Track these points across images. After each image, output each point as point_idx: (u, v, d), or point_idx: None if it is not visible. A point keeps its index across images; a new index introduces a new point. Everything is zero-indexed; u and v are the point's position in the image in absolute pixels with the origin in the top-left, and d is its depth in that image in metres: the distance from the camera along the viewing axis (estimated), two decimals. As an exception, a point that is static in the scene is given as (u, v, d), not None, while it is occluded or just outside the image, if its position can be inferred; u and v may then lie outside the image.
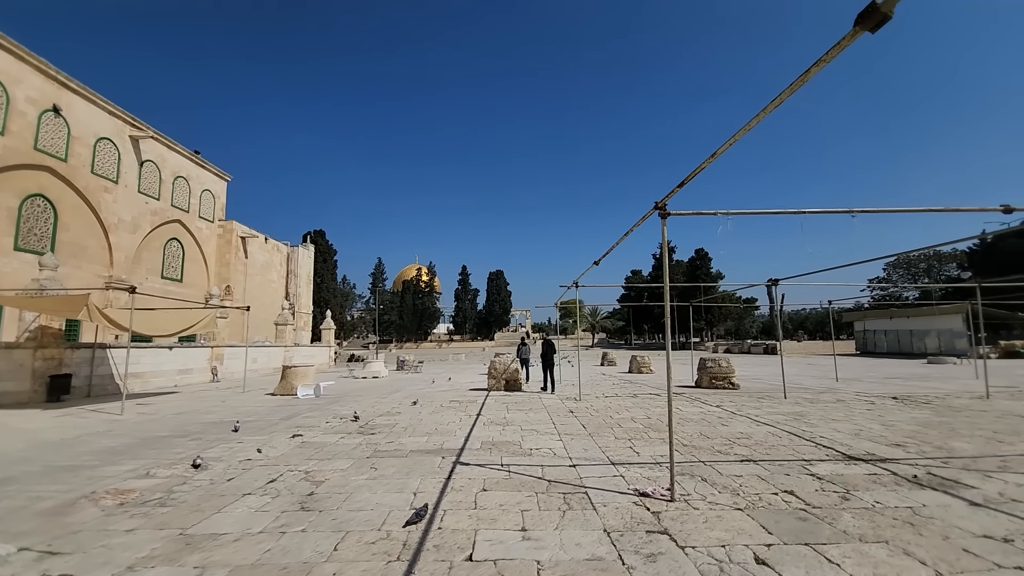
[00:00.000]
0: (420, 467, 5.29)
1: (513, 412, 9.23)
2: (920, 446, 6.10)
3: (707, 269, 65.40)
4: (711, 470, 5.07)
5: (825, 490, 4.39)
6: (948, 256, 60.94)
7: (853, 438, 6.58)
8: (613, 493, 4.39)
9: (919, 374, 18.55)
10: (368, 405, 10.58)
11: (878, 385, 14.01)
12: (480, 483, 4.69)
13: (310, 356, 30.24)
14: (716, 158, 3.20)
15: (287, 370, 13.18)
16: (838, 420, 8.01)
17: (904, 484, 4.56)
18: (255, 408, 10.54)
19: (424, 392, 13.39)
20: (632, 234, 5.38)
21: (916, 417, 8.28)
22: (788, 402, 10.29)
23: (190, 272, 26.30)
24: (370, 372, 20.60)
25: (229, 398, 12.80)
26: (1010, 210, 4.24)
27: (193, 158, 26.45)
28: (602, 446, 6.25)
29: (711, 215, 4.34)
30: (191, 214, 26.20)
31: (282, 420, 8.75)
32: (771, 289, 11.34)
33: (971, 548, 3.13)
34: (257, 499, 4.34)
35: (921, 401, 10.35)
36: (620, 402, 10.51)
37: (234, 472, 5.24)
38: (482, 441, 6.62)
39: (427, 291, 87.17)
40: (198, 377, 19.20)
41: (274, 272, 33.87)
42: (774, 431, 7.10)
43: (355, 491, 4.49)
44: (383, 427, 7.79)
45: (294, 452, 6.15)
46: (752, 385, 14.07)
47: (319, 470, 5.24)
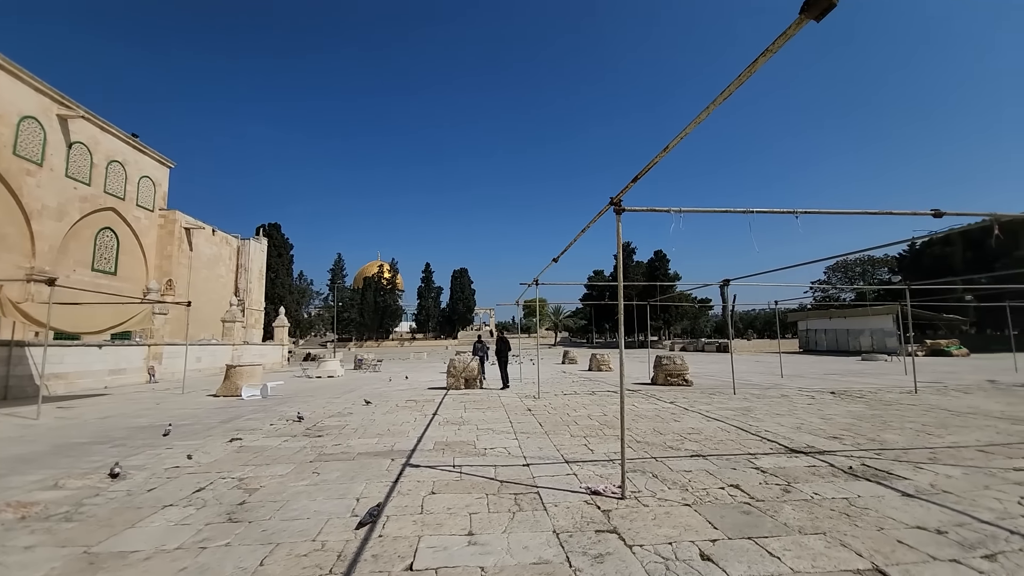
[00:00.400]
0: (367, 471, 5.03)
1: (470, 411, 9.05)
2: (855, 438, 6.42)
3: (665, 270, 67.54)
4: (662, 466, 5.11)
5: (768, 483, 4.50)
6: (881, 261, 65.94)
7: (795, 431, 6.85)
8: (565, 492, 4.32)
9: (854, 370, 19.83)
10: (318, 406, 10.10)
11: (818, 381, 14.83)
12: (429, 486, 4.50)
13: (261, 355, 28.83)
14: (668, 152, 3.16)
15: (231, 370, 12.40)
16: (782, 414, 8.35)
17: (841, 475, 4.75)
18: (192, 411, 9.83)
19: (380, 391, 12.96)
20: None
21: (851, 411, 8.76)
22: (737, 398, 10.67)
23: (126, 265, 24.39)
24: (325, 371, 19.82)
25: (165, 400, 11.91)
26: (940, 214, 4.48)
27: (131, 141, 24.51)
28: (557, 444, 6.19)
29: (664, 212, 4.34)
30: (127, 202, 24.27)
31: (221, 423, 8.18)
32: (723, 289, 11.75)
33: (905, 539, 3.25)
34: (179, 511, 3.96)
35: (856, 396, 11.00)
36: (578, 400, 10.56)
37: (156, 482, 4.79)
38: (435, 442, 6.41)
39: (389, 288, 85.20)
40: (133, 378, 17.83)
41: (222, 266, 32.01)
42: (723, 426, 7.30)
43: (292, 499, 4.19)
44: (332, 429, 7.42)
45: (229, 457, 5.72)
46: (705, 382, 14.54)
47: (255, 477, 4.88)
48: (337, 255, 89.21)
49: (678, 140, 3.01)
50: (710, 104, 2.60)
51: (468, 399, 10.81)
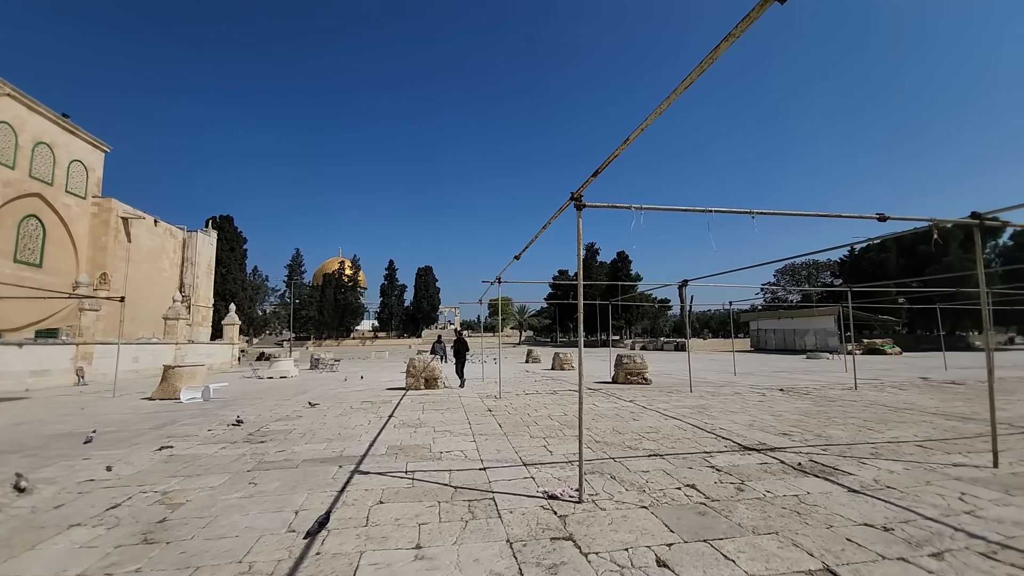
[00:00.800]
0: (311, 479, 4.68)
1: (429, 412, 8.76)
2: (803, 434, 6.62)
3: (627, 270, 69.08)
4: (620, 467, 5.04)
5: (723, 482, 4.51)
6: (824, 265, 70.23)
7: (748, 429, 7.01)
8: (521, 497, 4.15)
9: (800, 368, 20.87)
10: (265, 409, 9.50)
11: (768, 378, 15.45)
12: (378, 494, 4.22)
13: (208, 354, 27.17)
14: (629, 144, 3.05)
15: (169, 370, 11.50)
16: (735, 412, 8.56)
17: (791, 472, 4.84)
18: (122, 416, 9.01)
19: (334, 393, 12.40)
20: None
21: (799, 407, 9.10)
22: (694, 395, 10.90)
23: (54, 257, 22.35)
24: (277, 372, 18.84)
25: (92, 404, 10.89)
26: (884, 218, 4.63)
27: (61, 122, 22.46)
28: (516, 446, 6.03)
29: (625, 208, 4.25)
30: (56, 188, 22.23)
31: (153, 429, 7.51)
32: (681, 289, 11.97)
33: (854, 537, 3.28)
34: (87, 531, 3.51)
35: (803, 393, 11.49)
36: (539, 399, 10.46)
37: (66, 497, 4.26)
38: (389, 446, 6.10)
39: (350, 286, 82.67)
40: (59, 379, 16.29)
41: (166, 259, 29.93)
42: (680, 424, 7.38)
43: (222, 513, 3.81)
44: (277, 434, 6.95)
45: (155, 468, 5.20)
46: (663, 380, 14.84)
47: (182, 489, 4.43)
48: (295, 250, 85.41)
49: (639, 132, 2.89)
50: (671, 94, 2.49)
51: (427, 400, 10.49)
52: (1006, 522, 3.51)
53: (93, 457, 5.72)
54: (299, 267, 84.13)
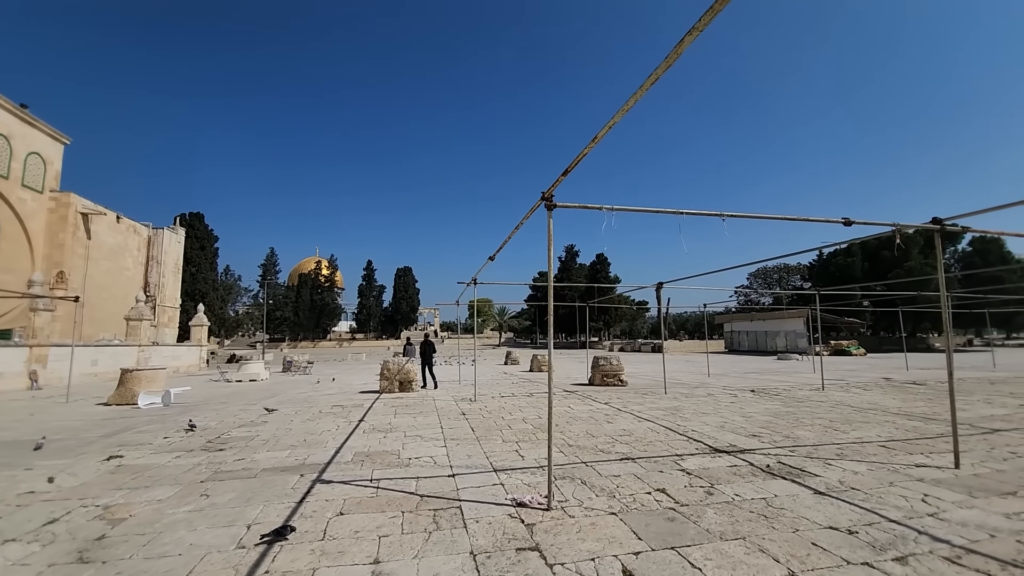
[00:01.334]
0: (268, 490, 4.46)
1: (401, 416, 8.55)
2: (772, 435, 6.70)
3: (606, 272, 69.75)
4: (591, 471, 4.97)
5: (693, 485, 4.49)
6: (794, 269, 72.48)
7: (719, 430, 7.06)
8: (489, 505, 4.03)
9: (771, 369, 21.37)
10: (229, 414, 9.12)
11: (740, 379, 15.74)
12: (339, 505, 4.04)
13: (174, 357, 26.18)
14: (597, 142, 2.98)
15: (126, 374, 10.94)
16: (707, 413, 8.63)
17: (759, 475, 4.85)
18: (73, 423, 8.50)
19: (305, 396, 12.03)
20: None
21: (769, 408, 9.25)
22: (668, 397, 10.98)
23: (7, 254, 21.09)
24: (247, 374, 18.22)
25: (42, 410, 10.27)
26: (849, 223, 4.70)
27: (18, 112, 21.27)
28: (487, 451, 5.91)
29: (596, 209, 4.19)
30: (11, 181, 21.01)
31: (104, 437, 7.09)
32: (658, 291, 12.06)
33: (820, 542, 3.27)
34: (21, 547, 3.24)
35: (773, 393, 11.72)
36: (515, 402, 10.36)
37: (4, 510, 3.95)
38: (356, 452, 5.89)
39: (327, 286, 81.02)
40: (10, 384, 15.37)
41: (129, 258, 28.66)
42: (653, 427, 7.38)
43: (166, 530, 3.57)
44: (237, 441, 6.64)
45: (101, 480, 4.87)
46: (639, 381, 14.94)
47: (126, 503, 4.15)
48: (270, 249, 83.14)
49: (606, 130, 2.82)
50: (637, 90, 2.42)
51: (400, 403, 10.26)
52: (969, 525, 3.56)
53: (36, 467, 5.34)
54: (274, 267, 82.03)
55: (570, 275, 70.62)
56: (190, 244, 51.32)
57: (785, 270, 73.77)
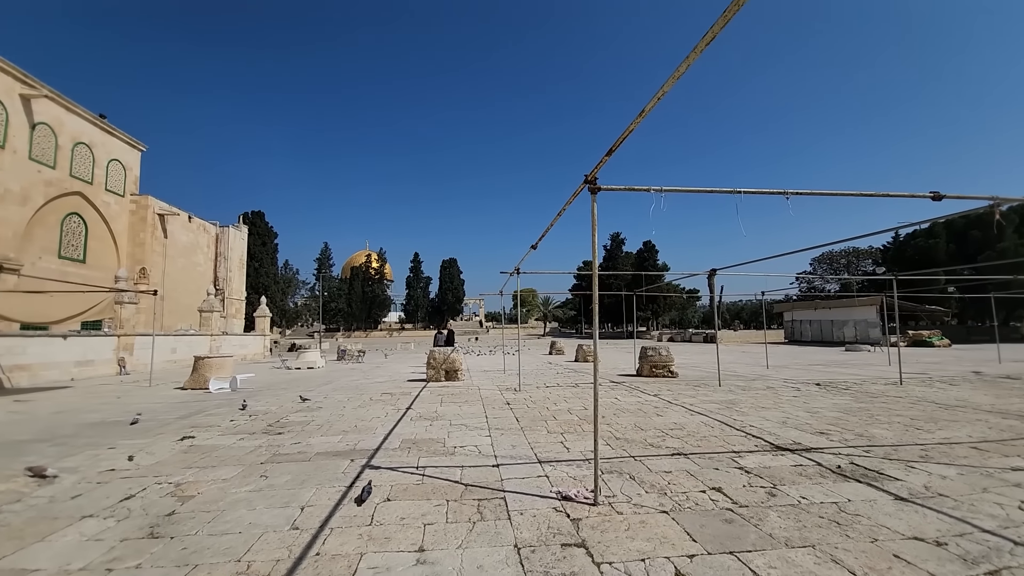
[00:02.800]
0: (321, 474, 4.61)
1: (447, 405, 8.66)
2: (843, 434, 6.16)
3: (654, 260, 67.59)
4: (640, 466, 4.77)
5: (752, 485, 4.18)
6: (865, 252, 66.69)
7: (781, 426, 6.58)
8: (533, 497, 3.95)
9: (838, 361, 19.83)
10: (288, 399, 9.63)
11: (803, 372, 14.71)
12: (386, 491, 4.10)
13: (241, 345, 28.14)
14: (645, 116, 2.74)
15: (200, 361, 11.83)
16: (767, 408, 8.10)
17: (829, 476, 4.45)
18: (153, 405, 9.30)
19: (357, 383, 12.51)
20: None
21: (838, 404, 8.54)
22: (722, 390, 10.43)
23: (96, 252, 23.42)
24: (304, 363, 19.26)
25: (128, 393, 11.33)
26: (939, 197, 4.14)
27: (98, 123, 23.38)
28: (532, 442, 5.83)
29: (644, 191, 3.93)
30: (96, 186, 23.21)
31: (179, 419, 7.68)
32: (710, 279, 11.44)
33: (903, 553, 2.93)
34: (98, 523, 3.52)
35: (842, 387, 10.83)
36: (560, 392, 10.23)
37: (86, 487, 4.33)
38: (403, 439, 6.01)
39: (377, 278, 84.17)
40: (102, 369, 17.10)
41: (200, 254, 31.02)
42: (707, 420, 7.01)
43: (229, 508, 3.76)
44: (295, 425, 6.98)
45: (175, 459, 5.26)
46: (690, 373, 14.33)
47: (195, 481, 4.44)
48: (324, 244, 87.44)
49: (655, 101, 2.58)
50: (690, 53, 2.18)
51: (446, 392, 10.42)
52: (1083, 540, 3.07)
53: (118, 446, 5.86)
54: (328, 260, 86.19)
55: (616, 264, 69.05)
56: (253, 240, 54.79)
57: (854, 254, 68.00)
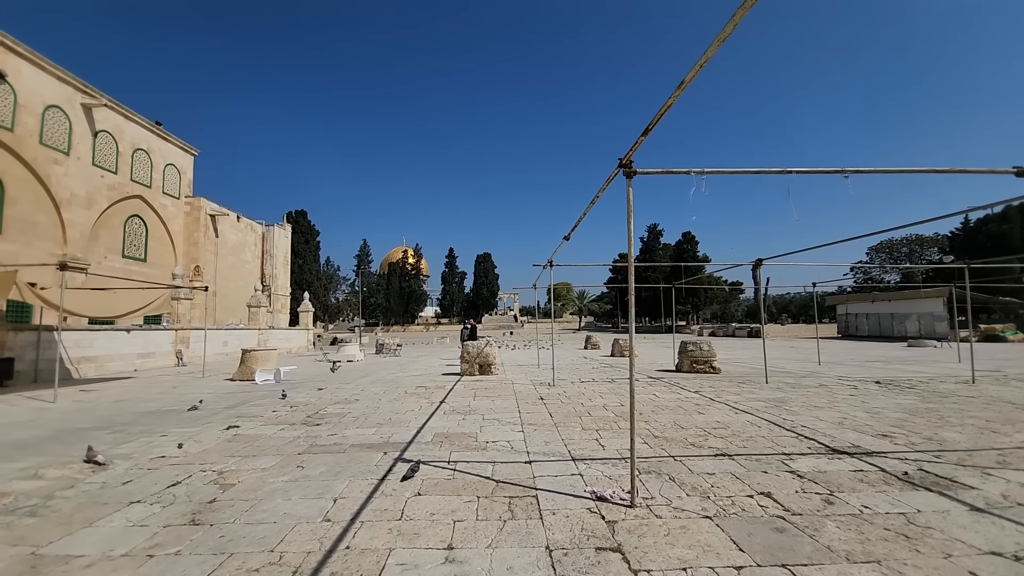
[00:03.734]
0: (355, 466, 4.65)
1: (480, 399, 8.63)
2: (908, 437, 5.63)
3: (693, 252, 65.28)
4: (681, 467, 4.52)
5: (807, 491, 3.86)
6: (930, 240, 61.63)
7: (836, 427, 6.10)
8: (567, 496, 3.80)
9: (900, 357, 18.42)
10: (327, 392, 9.90)
11: (860, 369, 13.73)
12: (417, 485, 4.07)
13: (287, 339, 29.41)
14: (684, 88, 2.51)
15: (246, 354, 12.39)
16: (820, 407, 7.56)
17: (894, 483, 4.05)
18: (205, 394, 9.78)
19: (393, 377, 12.74)
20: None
21: (901, 403, 7.87)
22: (769, 387, 9.86)
23: (155, 251, 25.03)
24: (344, 356, 19.87)
25: (183, 384, 12.01)
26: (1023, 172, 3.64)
27: (155, 130, 24.89)
28: (566, 438, 5.67)
29: (683, 174, 3.67)
30: (154, 190, 24.77)
31: (227, 408, 8.03)
32: (755, 270, 10.82)
33: (979, 571, 2.59)
34: (143, 509, 3.67)
35: (905, 386, 10.00)
36: (595, 388, 9.99)
37: (136, 473, 4.55)
38: (435, 433, 6.00)
39: (413, 274, 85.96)
40: (161, 361, 18.30)
41: (248, 252, 32.60)
42: (753, 420, 6.60)
43: (266, 497, 3.84)
44: (332, 417, 7.13)
45: (220, 447, 5.46)
46: (734, 369, 13.69)
47: (236, 470, 4.57)
48: (363, 241, 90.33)
49: (696, 70, 2.34)
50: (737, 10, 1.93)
51: (480, 386, 10.40)
52: None
53: (170, 434, 6.16)
54: (367, 257, 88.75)
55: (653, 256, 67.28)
56: (296, 239, 57.16)
57: (916, 242, 62.93)
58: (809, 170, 3.69)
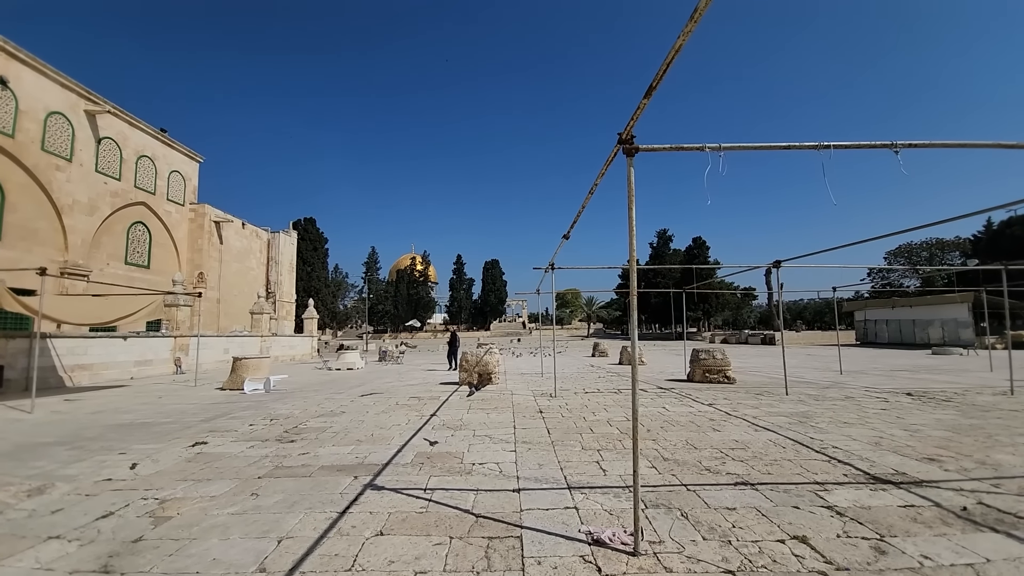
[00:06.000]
0: (316, 494, 4.05)
1: (474, 412, 8.00)
2: (958, 460, 4.88)
3: (704, 257, 64.06)
4: (695, 499, 3.84)
5: (851, 535, 3.17)
6: (951, 244, 59.67)
7: (874, 449, 5.36)
8: (557, 539, 3.16)
9: (926, 366, 17.39)
10: (315, 402, 9.35)
11: (886, 379, 12.83)
12: (382, 520, 3.46)
13: (291, 346, 29.06)
14: (697, 22, 1.90)
15: (237, 362, 11.92)
16: (851, 423, 6.79)
17: (953, 522, 3.34)
18: (187, 406, 9.30)
19: (388, 386, 12.16)
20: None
21: (941, 419, 7.07)
22: (790, 399, 9.09)
23: (159, 258, 24.91)
24: (344, 363, 19.35)
25: (172, 393, 11.56)
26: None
27: (159, 136, 24.87)
28: (562, 460, 5.02)
29: (697, 150, 3.05)
30: (158, 196, 24.70)
31: (202, 422, 7.50)
32: (771, 273, 10.09)
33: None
34: (59, 546, 3.11)
35: (940, 398, 9.16)
36: (600, 399, 9.30)
37: (72, 500, 4.00)
38: (417, 452, 5.38)
39: (422, 281, 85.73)
40: (159, 369, 17.94)
41: (253, 259, 32.44)
42: (776, 438, 5.88)
43: (200, 536, 3.25)
44: (310, 432, 6.55)
45: (176, 468, 4.90)
46: (749, 378, 12.88)
47: (181, 498, 4.00)
48: (371, 248, 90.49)
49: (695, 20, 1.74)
50: None
51: (477, 397, 9.77)
52: None
53: (130, 452, 5.63)
54: (375, 264, 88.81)
55: (663, 261, 66.25)
56: (304, 246, 57.30)
57: (937, 246, 60.83)
58: (851, 144, 3.05)
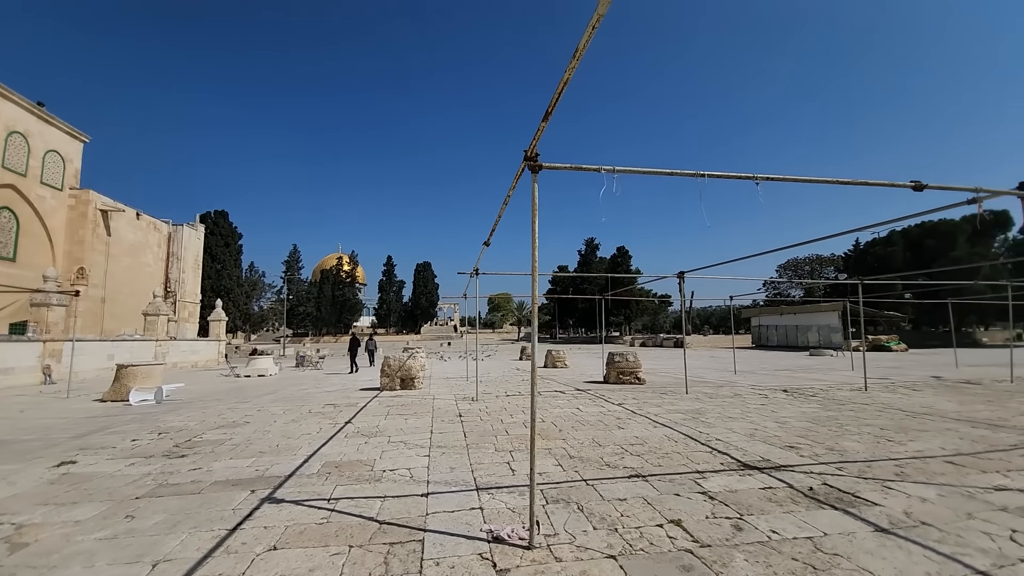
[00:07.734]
0: (205, 511, 3.79)
1: (392, 417, 7.87)
2: (813, 447, 5.71)
3: (627, 266, 68.04)
4: (592, 493, 4.14)
5: (717, 516, 3.61)
6: (827, 260, 69.10)
7: (748, 440, 6.10)
8: (458, 539, 3.26)
9: (803, 365, 19.93)
10: (215, 413, 8.62)
11: (770, 377, 14.53)
12: (277, 534, 3.33)
13: (192, 351, 26.41)
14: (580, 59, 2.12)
15: (122, 370, 10.62)
16: (734, 418, 7.64)
17: (801, 501, 3.93)
18: (55, 421, 8.14)
19: (303, 393, 11.52)
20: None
21: (806, 412, 8.19)
22: (689, 397, 9.99)
23: (28, 250, 21.50)
24: (255, 370, 17.98)
25: (38, 406, 10.03)
26: (921, 187, 3.71)
27: (35, 110, 21.53)
28: (475, 463, 5.13)
29: (593, 171, 3.33)
30: (30, 179, 21.34)
31: (73, 439, 6.63)
32: (681, 282, 11.03)
33: (887, 612, 2.38)
34: None
35: (808, 394, 10.57)
36: (519, 402, 9.57)
37: None
38: (326, 462, 5.21)
39: (348, 282, 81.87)
40: (24, 378, 15.44)
41: (150, 254, 29.04)
42: (671, 434, 6.47)
43: (60, 564, 2.92)
44: (206, 445, 6.06)
45: (36, 490, 4.32)
46: (658, 379, 13.93)
47: (42, 523, 3.55)
48: (293, 246, 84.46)
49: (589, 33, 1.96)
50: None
51: (397, 402, 9.60)
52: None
53: (-25, 476, 4.84)
54: (297, 263, 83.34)
55: (590, 268, 69.21)
56: (215, 241, 52.29)
57: (817, 262, 70.46)
58: (721, 174, 3.51)
